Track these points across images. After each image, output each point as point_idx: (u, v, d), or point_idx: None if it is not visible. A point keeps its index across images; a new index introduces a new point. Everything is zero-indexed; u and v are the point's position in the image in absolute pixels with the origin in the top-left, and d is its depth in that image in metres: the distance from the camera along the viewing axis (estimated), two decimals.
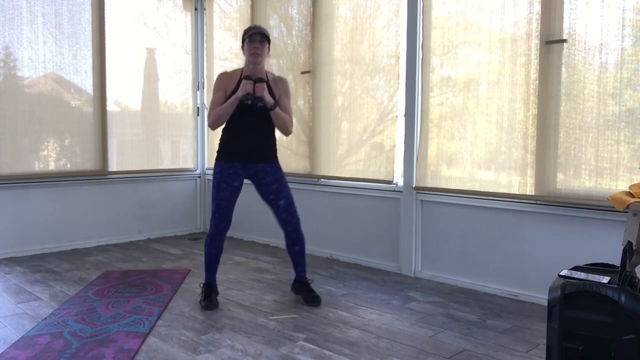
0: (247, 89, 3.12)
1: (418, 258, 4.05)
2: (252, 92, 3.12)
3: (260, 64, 3.22)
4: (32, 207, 4.71)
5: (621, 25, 3.06)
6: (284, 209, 3.32)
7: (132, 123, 5.39)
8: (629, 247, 2.03)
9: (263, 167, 3.30)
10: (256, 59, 3.18)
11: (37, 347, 2.66)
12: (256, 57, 3.18)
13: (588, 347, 2.02)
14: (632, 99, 3.06)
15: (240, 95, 3.13)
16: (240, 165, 3.28)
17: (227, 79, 3.28)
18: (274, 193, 3.31)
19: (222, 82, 3.28)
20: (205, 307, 3.28)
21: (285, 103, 3.32)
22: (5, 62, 4.56)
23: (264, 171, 3.30)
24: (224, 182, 3.26)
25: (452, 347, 2.72)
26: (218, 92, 3.27)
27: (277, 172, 3.34)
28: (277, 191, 3.31)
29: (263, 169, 3.30)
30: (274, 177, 3.31)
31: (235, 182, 3.28)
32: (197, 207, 5.84)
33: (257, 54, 3.17)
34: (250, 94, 3.12)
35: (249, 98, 3.12)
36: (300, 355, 2.61)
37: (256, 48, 3.17)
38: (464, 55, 3.74)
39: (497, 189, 3.61)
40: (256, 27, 3.24)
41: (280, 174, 3.35)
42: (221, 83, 3.28)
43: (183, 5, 5.64)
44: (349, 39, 4.45)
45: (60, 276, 3.99)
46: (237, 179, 3.29)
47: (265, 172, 3.30)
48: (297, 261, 3.44)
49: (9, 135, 4.56)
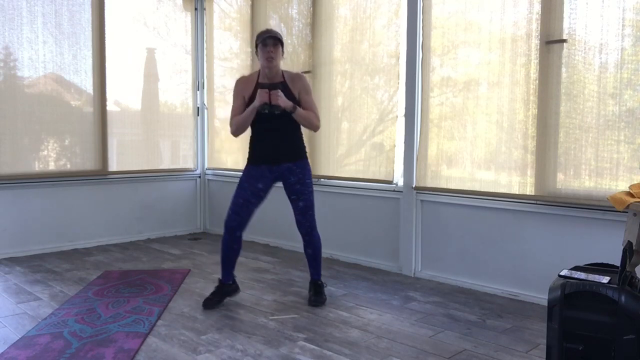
0: (263, 99, 3.13)
1: (418, 258, 4.05)
2: (269, 100, 3.12)
3: (275, 67, 3.24)
4: (32, 207, 4.71)
5: (621, 25, 3.06)
6: (301, 210, 3.34)
7: (132, 123, 5.39)
8: (629, 247, 2.03)
9: (288, 166, 3.30)
10: (271, 63, 3.20)
11: (37, 347, 2.66)
12: (271, 61, 3.20)
13: (588, 347, 2.02)
14: (632, 99, 3.06)
15: (257, 105, 3.15)
16: (267, 168, 3.30)
17: (244, 84, 3.31)
18: (296, 194, 3.32)
19: (239, 89, 3.32)
20: (204, 303, 3.30)
21: (306, 99, 3.30)
22: (5, 62, 4.56)
23: (289, 170, 3.31)
24: (247, 182, 3.30)
25: (452, 347, 2.72)
26: (237, 99, 3.31)
27: (303, 172, 3.32)
28: (299, 192, 3.32)
29: (289, 168, 3.31)
30: (298, 177, 3.31)
31: (260, 184, 3.30)
32: (197, 207, 5.84)
33: (272, 57, 3.19)
34: (266, 103, 3.13)
35: (265, 108, 3.15)
36: (300, 355, 2.61)
37: (270, 52, 3.18)
38: (464, 55, 3.74)
39: (497, 189, 3.61)
40: (269, 31, 3.24)
41: (305, 175, 3.34)
42: (239, 90, 3.31)
43: (183, 5, 5.64)
44: (349, 39, 4.45)
45: (60, 276, 3.99)
46: (262, 181, 3.30)
47: (291, 171, 3.31)
48: (310, 263, 3.48)
49: (9, 135, 4.56)
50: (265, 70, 3.23)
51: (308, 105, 3.30)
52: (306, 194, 3.33)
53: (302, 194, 3.32)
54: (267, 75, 3.24)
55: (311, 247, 3.43)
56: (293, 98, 3.25)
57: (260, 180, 3.29)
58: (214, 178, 5.78)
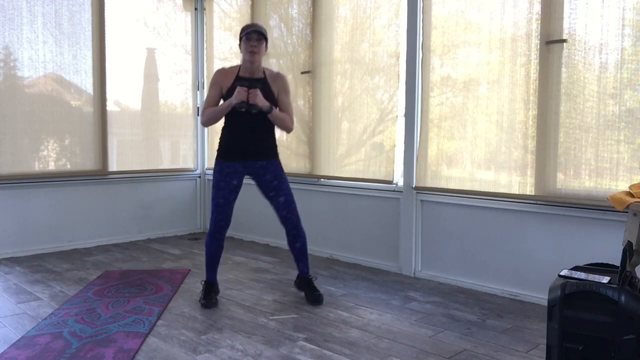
0: (241, 97, 3.13)
1: (418, 258, 4.05)
2: (247, 99, 3.13)
3: (257, 61, 3.24)
4: (32, 207, 4.71)
5: (621, 25, 3.06)
6: (283, 206, 3.34)
7: (132, 123, 5.39)
8: (629, 247, 2.03)
9: (263, 164, 3.31)
10: (253, 57, 3.20)
11: (37, 347, 2.66)
12: (253, 55, 3.20)
13: (588, 347, 2.02)
14: (632, 99, 3.06)
15: (235, 102, 3.15)
16: (240, 164, 3.30)
17: (224, 76, 3.30)
18: (274, 190, 3.33)
19: (218, 80, 3.30)
20: (204, 305, 3.31)
21: (284, 100, 3.32)
22: (5, 62, 4.56)
23: (264, 168, 3.32)
24: (222, 181, 3.29)
25: (452, 347, 2.72)
26: (213, 89, 3.31)
27: (277, 168, 3.35)
28: (277, 188, 3.33)
29: (263, 165, 3.32)
30: (274, 174, 3.33)
31: (234, 180, 3.30)
32: (197, 207, 5.84)
33: (254, 51, 3.19)
34: (244, 102, 3.14)
35: (242, 106, 3.15)
36: (300, 355, 2.61)
37: (253, 46, 3.19)
38: (464, 55, 3.74)
39: (497, 189, 3.61)
40: (253, 24, 3.26)
41: (280, 171, 3.37)
42: (217, 80, 3.30)
43: (183, 5, 5.64)
44: (349, 39, 4.45)
45: (60, 276, 3.99)
46: (236, 177, 3.30)
47: (266, 169, 3.32)
48: (299, 258, 3.46)
49: (9, 135, 4.56)
50: (247, 64, 3.23)
51: (285, 107, 3.31)
52: (285, 188, 3.34)
53: (281, 190, 3.33)
54: (249, 69, 3.25)
55: (300, 240, 3.42)
56: (272, 96, 3.26)
57: (234, 177, 3.30)
58: None
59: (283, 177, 3.36)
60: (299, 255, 3.46)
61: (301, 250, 3.45)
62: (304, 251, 3.47)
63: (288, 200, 3.35)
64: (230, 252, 4.80)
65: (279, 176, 3.34)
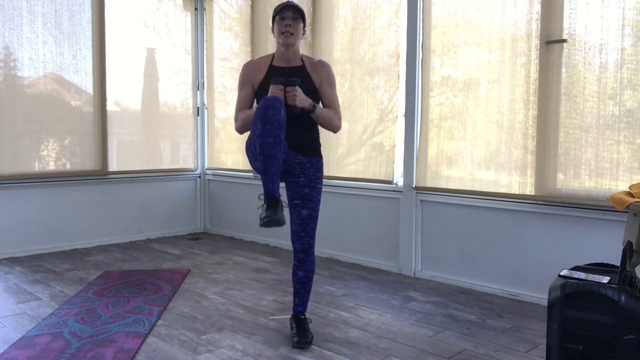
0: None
1: (418, 258, 4.05)
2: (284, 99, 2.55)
3: (294, 46, 2.64)
4: (32, 207, 4.71)
5: (621, 25, 3.06)
6: (303, 220, 2.74)
7: (132, 123, 5.39)
8: (629, 247, 2.03)
9: (301, 160, 2.71)
10: (288, 40, 2.60)
11: (37, 347, 2.66)
12: (288, 37, 2.59)
13: (588, 347, 2.02)
14: (632, 99, 3.06)
15: None
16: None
17: (254, 69, 2.74)
18: (302, 198, 2.73)
19: (248, 75, 2.74)
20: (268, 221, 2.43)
21: (328, 93, 2.75)
22: (5, 62, 4.56)
23: (301, 166, 2.71)
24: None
25: (452, 347, 2.72)
26: (244, 88, 2.75)
27: (315, 173, 2.75)
28: (306, 197, 2.73)
29: (300, 163, 2.71)
30: (309, 177, 2.72)
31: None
32: (197, 207, 5.84)
33: (290, 32, 2.59)
34: None
35: None
36: (300, 355, 2.61)
37: (288, 26, 2.58)
38: (464, 55, 3.74)
39: (497, 189, 3.61)
40: (289, 1, 2.67)
41: (318, 178, 2.76)
42: (247, 76, 2.74)
43: (183, 5, 5.64)
44: (349, 39, 4.45)
45: (60, 276, 3.98)
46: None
47: (302, 167, 2.72)
48: (297, 290, 2.84)
49: (9, 135, 4.56)
50: (282, 49, 2.64)
51: (329, 101, 2.76)
52: (314, 201, 2.74)
53: (309, 201, 2.73)
54: (284, 56, 2.68)
55: (304, 269, 2.79)
56: (313, 88, 2.71)
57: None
58: (214, 178, 5.78)
59: (317, 187, 2.75)
60: (299, 287, 2.83)
61: (303, 281, 2.81)
62: (306, 283, 2.83)
63: (311, 215, 2.74)
64: (230, 252, 4.80)
65: (313, 184, 2.74)
